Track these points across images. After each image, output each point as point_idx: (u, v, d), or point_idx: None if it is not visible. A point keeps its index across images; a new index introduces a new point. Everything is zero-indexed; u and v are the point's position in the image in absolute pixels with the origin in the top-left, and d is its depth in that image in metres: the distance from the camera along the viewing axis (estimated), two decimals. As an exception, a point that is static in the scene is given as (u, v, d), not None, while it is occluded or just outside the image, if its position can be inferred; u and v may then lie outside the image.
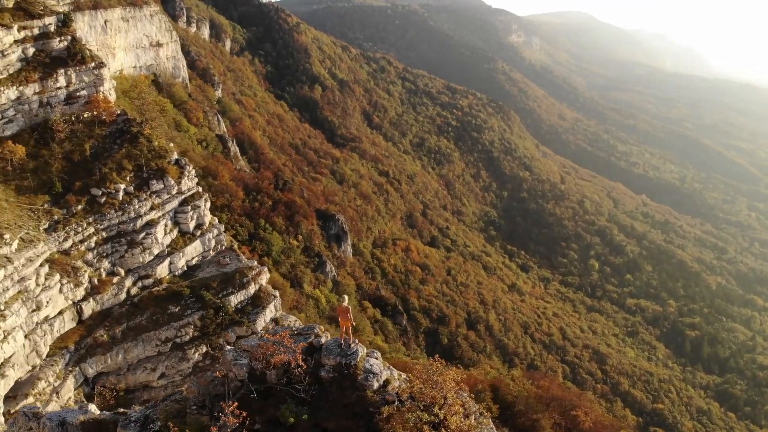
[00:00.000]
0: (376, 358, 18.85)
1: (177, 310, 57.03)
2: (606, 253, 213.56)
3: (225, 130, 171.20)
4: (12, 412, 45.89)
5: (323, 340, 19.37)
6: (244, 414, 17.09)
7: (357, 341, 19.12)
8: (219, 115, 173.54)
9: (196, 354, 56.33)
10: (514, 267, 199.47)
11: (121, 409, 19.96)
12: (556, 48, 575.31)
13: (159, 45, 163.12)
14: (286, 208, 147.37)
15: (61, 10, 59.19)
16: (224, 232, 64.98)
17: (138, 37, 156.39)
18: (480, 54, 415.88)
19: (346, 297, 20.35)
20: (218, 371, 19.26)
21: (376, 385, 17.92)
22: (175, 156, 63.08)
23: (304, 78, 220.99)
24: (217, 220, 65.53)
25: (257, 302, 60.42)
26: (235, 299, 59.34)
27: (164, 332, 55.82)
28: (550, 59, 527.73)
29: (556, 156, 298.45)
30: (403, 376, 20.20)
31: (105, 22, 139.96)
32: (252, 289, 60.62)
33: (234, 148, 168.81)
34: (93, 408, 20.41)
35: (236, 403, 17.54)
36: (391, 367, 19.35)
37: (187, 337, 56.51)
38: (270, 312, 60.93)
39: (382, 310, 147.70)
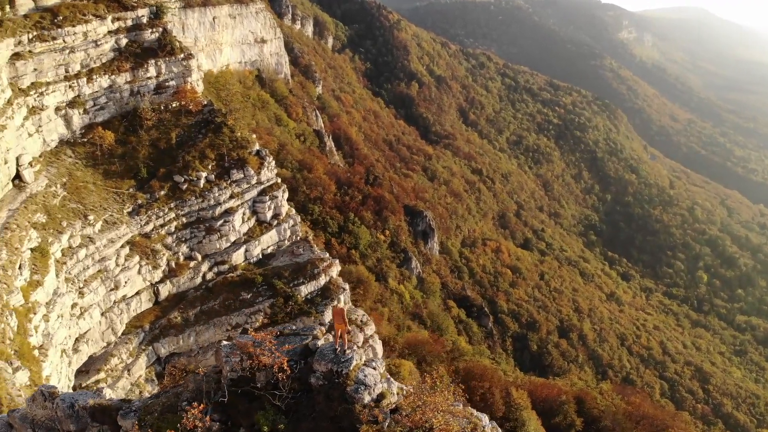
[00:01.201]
0: (374, 368, 16.95)
1: (249, 296, 57.99)
2: (716, 265, 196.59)
3: (322, 125, 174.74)
4: (83, 385, 48.40)
5: (320, 342, 17.80)
6: (207, 419, 15.95)
7: (356, 347, 17.32)
8: (317, 111, 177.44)
9: (264, 341, 56.84)
10: (614, 275, 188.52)
11: (129, 397, 19.58)
12: (669, 45, 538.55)
13: (263, 41, 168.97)
14: (375, 203, 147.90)
15: (153, 3, 61.81)
16: (299, 222, 65.35)
17: (244, 33, 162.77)
18: (586, 50, 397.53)
19: (341, 298, 18.76)
20: (201, 369, 18.32)
21: (367, 399, 15.95)
22: (256, 147, 64.20)
23: (401, 75, 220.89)
24: (294, 211, 66.06)
25: (326, 294, 60.23)
26: (305, 289, 59.50)
27: (235, 318, 56.95)
28: (662, 57, 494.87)
29: (666, 159, 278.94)
30: (409, 389, 18.31)
31: (213, 19, 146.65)
32: (322, 280, 60.51)
33: (330, 143, 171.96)
34: (107, 393, 20.10)
35: (202, 405, 16.45)
36: (391, 379, 17.32)
37: (257, 323, 57.25)
38: (339, 304, 60.56)
39: (467, 311, 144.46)
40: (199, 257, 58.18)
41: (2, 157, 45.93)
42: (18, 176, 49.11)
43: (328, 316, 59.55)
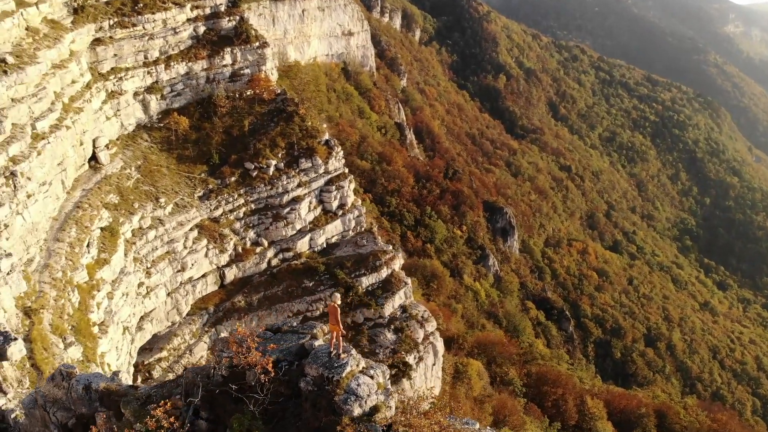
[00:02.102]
0: (371, 377, 15.14)
1: (311, 284, 57.90)
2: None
3: (404, 118, 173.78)
4: (146, 363, 49.94)
5: (317, 343, 16.30)
6: (172, 419, 14.87)
7: (353, 351, 15.58)
8: (400, 104, 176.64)
9: (324, 331, 56.54)
10: (710, 283, 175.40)
11: (138, 383, 19.00)
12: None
13: (350, 34, 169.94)
14: (453, 197, 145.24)
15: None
16: (364, 213, 64.55)
17: (331, 25, 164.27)
18: (689, 44, 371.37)
19: (338, 295, 17.01)
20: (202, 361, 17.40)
21: (357, 412, 14.23)
22: (326, 137, 63.95)
23: (489, 67, 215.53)
24: (359, 202, 65.37)
25: (388, 287, 59.13)
26: (366, 281, 58.67)
27: (297, 305, 57.04)
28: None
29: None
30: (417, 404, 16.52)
31: (303, 11, 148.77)
32: (384, 273, 59.45)
33: (410, 135, 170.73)
34: (124, 377, 19.63)
35: (169, 404, 15.38)
36: (391, 391, 15.45)
37: (317, 312, 57.08)
38: (399, 298, 59.30)
39: (546, 314, 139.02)
40: (266, 243, 58.67)
41: (78, 139, 47.88)
42: (94, 157, 51.16)
43: (388, 309, 58.49)
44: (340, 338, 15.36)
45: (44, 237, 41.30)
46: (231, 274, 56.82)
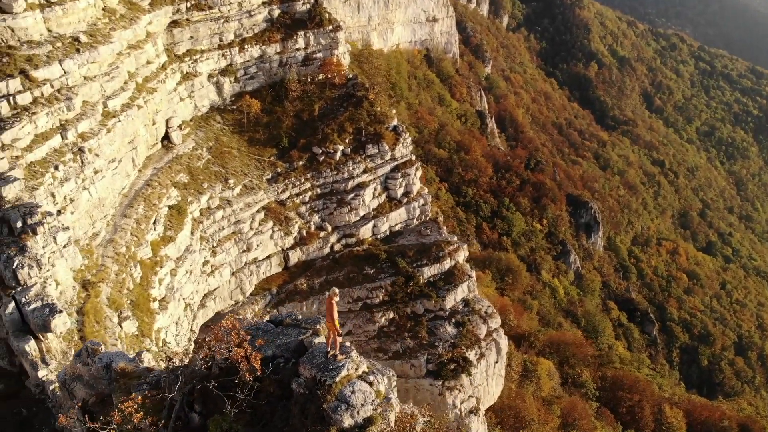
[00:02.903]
0: (369, 384, 13.65)
1: (372, 272, 57.21)
2: None
3: (486, 106, 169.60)
4: (207, 340, 50.89)
5: (318, 340, 15.03)
6: (140, 415, 14.00)
7: (353, 353, 14.09)
8: (482, 91, 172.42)
9: (383, 318, 55.97)
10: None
11: (152, 365, 18.57)
12: None
13: (434, 20, 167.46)
14: (533, 189, 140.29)
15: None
16: (430, 202, 62.95)
17: (416, 12, 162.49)
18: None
19: (335, 290, 15.52)
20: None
21: (347, 423, 12.76)
22: (394, 122, 62.77)
23: (579, 55, 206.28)
24: (425, 190, 63.81)
25: (450, 279, 57.45)
26: (428, 271, 57.27)
27: (357, 291, 56.56)
28: None
29: None
30: (423, 418, 14.93)
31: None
32: (447, 264, 57.78)
33: (492, 124, 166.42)
34: (147, 357, 19.39)
35: (140, 397, 14.55)
36: (393, 402, 13.89)
37: (377, 300, 56.37)
38: (462, 291, 57.46)
39: (629, 315, 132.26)
40: (329, 228, 58.48)
41: (150, 118, 49.25)
42: (167, 137, 52.57)
43: (449, 302, 56.85)
44: (337, 338, 14.13)
45: (112, 213, 42.74)
46: (295, 256, 57.09)
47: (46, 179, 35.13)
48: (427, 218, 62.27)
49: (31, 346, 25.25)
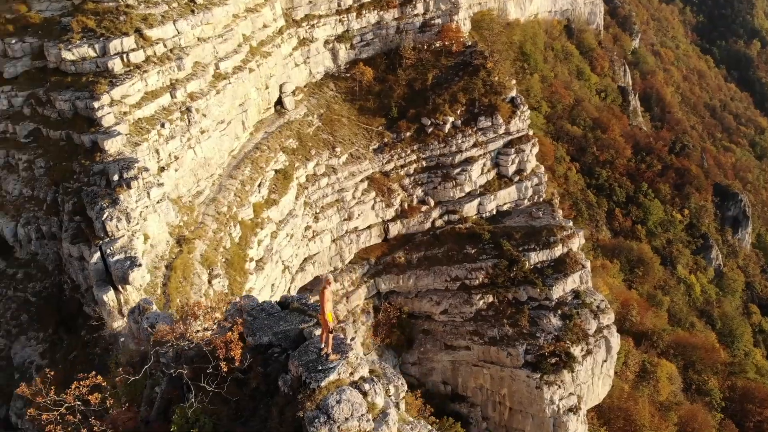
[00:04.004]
0: (363, 393, 11.54)
1: (473, 252, 54.77)
2: None
3: (629, 82, 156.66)
4: (316, 302, 51.61)
5: (318, 332, 13.19)
6: (96, 394, 12.88)
7: (350, 354, 12.01)
8: (627, 66, 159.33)
9: (481, 301, 53.53)
10: None
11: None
12: None
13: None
14: (676, 176, 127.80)
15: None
16: (545, 182, 58.70)
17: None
18: None
19: (330, 277, 13.43)
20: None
21: None
22: (512, 94, 58.98)
23: (741, 31, 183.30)
24: (542, 169, 59.57)
25: (560, 267, 53.44)
26: (535, 257, 53.69)
27: (455, 270, 54.52)
28: None
29: None
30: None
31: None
32: (557, 251, 53.74)
33: (635, 102, 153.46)
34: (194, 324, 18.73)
35: (99, 377, 13.41)
36: (391, 416, 11.77)
37: (476, 281, 53.96)
38: (572, 282, 53.26)
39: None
40: (432, 203, 56.69)
41: (263, 82, 49.99)
42: (280, 102, 53.23)
43: (557, 292, 53.01)
44: (328, 334, 12.38)
45: (219, 173, 44.08)
46: (395, 229, 56.08)
47: (152, 136, 36.66)
48: (541, 199, 58.29)
49: (109, 297, 26.39)
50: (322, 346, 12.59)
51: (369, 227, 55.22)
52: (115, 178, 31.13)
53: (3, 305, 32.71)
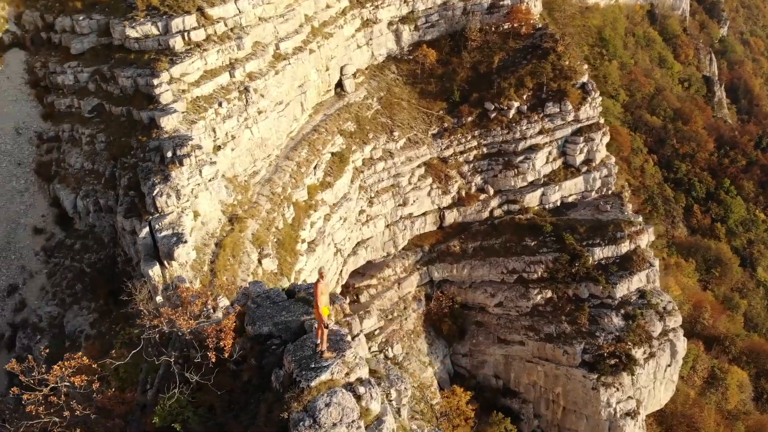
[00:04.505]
0: (358, 397, 10.39)
1: (532, 244, 52.67)
2: None
3: (715, 71, 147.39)
4: (356, 286, 51.35)
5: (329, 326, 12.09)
6: (82, 377, 12.19)
7: (348, 353, 10.84)
8: (713, 55, 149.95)
9: (539, 296, 51.51)
10: None
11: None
12: None
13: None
14: (762, 173, 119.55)
15: None
16: (615, 173, 55.60)
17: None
18: None
19: (323, 269, 12.24)
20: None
21: None
22: (583, 79, 56.04)
23: None
24: (612, 159, 56.43)
25: (626, 265, 50.62)
26: (599, 252, 51.08)
27: (513, 262, 52.65)
28: None
29: None
30: None
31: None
32: (624, 247, 50.91)
33: (720, 93, 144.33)
34: (223, 302, 18.17)
35: (85, 358, 12.70)
36: (384, 424, 10.57)
37: (535, 275, 51.94)
38: (638, 281, 50.35)
39: None
40: (491, 191, 54.86)
41: (324, 64, 49.46)
42: (341, 84, 52.62)
43: (621, 290, 50.29)
44: (323, 330, 11.39)
45: (276, 153, 44.02)
46: (451, 217, 54.69)
47: (209, 115, 36.81)
48: (609, 192, 55.30)
49: (154, 271, 26.62)
50: (318, 341, 11.69)
51: (424, 214, 54.07)
52: (169, 154, 31.38)
53: (60, 274, 33.88)
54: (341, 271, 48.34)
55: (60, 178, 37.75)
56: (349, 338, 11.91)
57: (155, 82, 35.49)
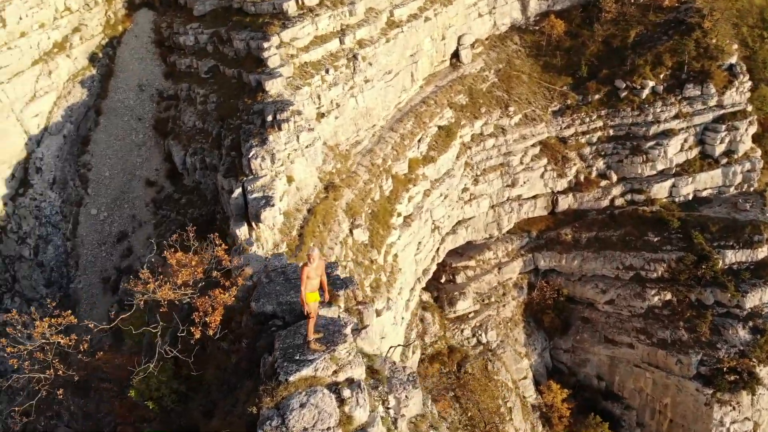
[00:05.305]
0: (341, 401, 8.58)
1: (655, 240, 47.92)
2: None
3: None
4: (453, 266, 49.71)
5: (327, 310, 10.43)
6: (71, 338, 11.35)
7: (340, 348, 9.08)
8: None
9: (656, 297, 47.02)
10: None
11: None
12: None
13: None
14: None
15: None
16: (759, 170, 48.86)
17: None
18: None
19: (316, 250, 10.38)
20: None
21: None
22: (732, 60, 49.50)
23: None
24: (758, 153, 49.60)
25: (761, 273, 44.83)
26: (732, 256, 45.47)
27: (631, 258, 48.32)
28: None
29: None
30: None
31: None
32: (761, 253, 45.06)
33: None
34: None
35: (72, 316, 11.85)
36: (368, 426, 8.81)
37: (654, 274, 47.37)
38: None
39: None
40: (614, 178, 50.40)
41: (440, 33, 47.46)
42: (456, 55, 50.42)
43: (751, 300, 44.57)
44: (310, 319, 9.91)
45: (381, 124, 43.07)
46: (565, 202, 51.05)
47: (315, 81, 36.45)
48: (751, 189, 48.83)
49: (242, 231, 26.77)
50: (307, 330, 10.35)
51: (534, 197, 50.89)
52: (269, 118, 31.38)
53: (165, 226, 35.54)
54: (438, 249, 46.90)
55: (174, 134, 39.41)
56: (347, 331, 10.43)
57: (265, 45, 35.62)
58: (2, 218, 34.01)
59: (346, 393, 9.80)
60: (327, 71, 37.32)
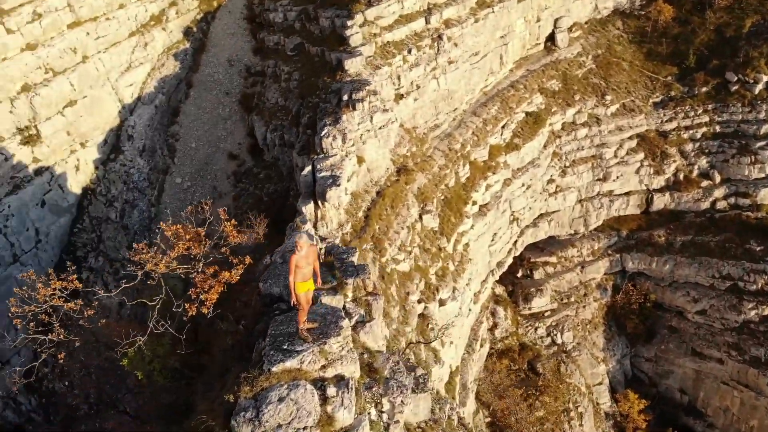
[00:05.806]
0: (324, 399, 7.67)
1: (758, 249, 43.70)
2: None
3: None
4: (531, 260, 47.78)
5: (327, 298, 9.47)
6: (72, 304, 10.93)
7: (332, 341, 8.10)
8: None
9: (753, 311, 42.99)
10: None
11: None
12: None
13: None
14: None
15: None
16: None
17: None
18: None
19: (303, 236, 9.20)
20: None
21: None
22: None
23: None
24: None
25: None
26: None
27: (729, 267, 44.38)
28: None
29: None
30: None
31: None
32: None
33: None
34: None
35: (77, 281, 11.45)
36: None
37: (753, 286, 43.27)
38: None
39: None
40: (717, 178, 46.30)
41: (535, 15, 45.31)
42: (552, 38, 48.01)
43: None
44: (301, 310, 9.15)
45: (463, 108, 41.83)
46: (661, 201, 47.53)
47: (396, 61, 35.78)
48: None
49: (308, 209, 26.78)
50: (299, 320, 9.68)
51: (627, 194, 47.74)
52: (345, 98, 31.18)
53: (243, 199, 36.45)
54: (516, 242, 45.16)
55: (258, 110, 40.20)
56: (344, 323, 9.71)
57: (349, 23, 35.30)
58: (93, 181, 36.18)
59: (331, 391, 9.15)
60: (410, 51, 36.50)
